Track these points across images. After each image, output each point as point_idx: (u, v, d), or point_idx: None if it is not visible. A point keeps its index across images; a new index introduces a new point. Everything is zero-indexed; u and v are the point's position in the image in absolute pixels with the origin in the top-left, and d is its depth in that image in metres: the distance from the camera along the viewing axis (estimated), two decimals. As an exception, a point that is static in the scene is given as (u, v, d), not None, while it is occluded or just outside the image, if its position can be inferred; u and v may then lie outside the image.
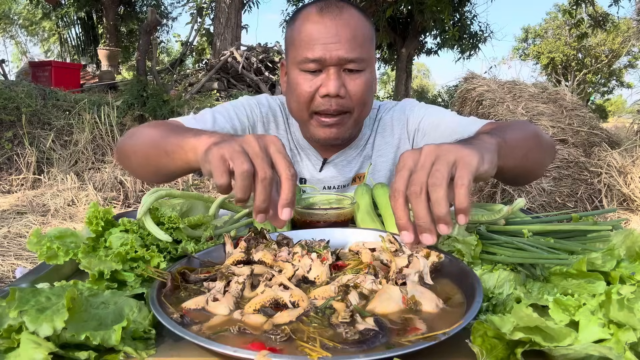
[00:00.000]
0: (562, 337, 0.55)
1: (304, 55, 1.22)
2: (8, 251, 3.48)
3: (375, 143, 1.48)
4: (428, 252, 0.80)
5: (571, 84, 22.93)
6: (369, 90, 1.27)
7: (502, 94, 5.79)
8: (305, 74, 1.24)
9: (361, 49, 1.21)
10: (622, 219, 3.27)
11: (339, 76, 1.21)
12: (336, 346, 0.55)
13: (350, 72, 1.22)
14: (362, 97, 1.25)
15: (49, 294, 0.60)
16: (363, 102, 1.26)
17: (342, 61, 1.20)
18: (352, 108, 1.26)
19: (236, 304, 0.67)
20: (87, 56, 15.01)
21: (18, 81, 7.15)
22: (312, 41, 1.21)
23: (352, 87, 1.23)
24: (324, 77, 1.22)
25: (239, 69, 9.78)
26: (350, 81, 1.23)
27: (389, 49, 16.84)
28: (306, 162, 1.45)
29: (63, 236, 0.82)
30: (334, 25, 1.20)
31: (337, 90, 1.20)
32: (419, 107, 1.47)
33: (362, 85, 1.24)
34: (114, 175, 5.19)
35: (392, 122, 1.48)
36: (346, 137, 1.33)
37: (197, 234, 0.92)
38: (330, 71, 1.21)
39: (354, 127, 1.33)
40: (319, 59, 1.20)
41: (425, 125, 1.41)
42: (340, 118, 1.27)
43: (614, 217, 3.90)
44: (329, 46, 1.19)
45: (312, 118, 1.29)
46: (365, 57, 1.23)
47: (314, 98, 1.24)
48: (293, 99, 1.30)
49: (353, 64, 1.21)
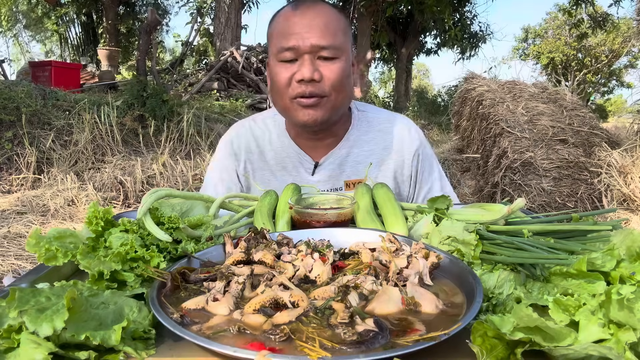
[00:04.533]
0: (562, 337, 0.55)
1: (280, 45, 1.32)
2: (8, 251, 3.48)
3: (360, 140, 1.53)
4: (427, 253, 0.80)
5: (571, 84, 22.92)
6: (344, 76, 1.34)
7: (502, 94, 5.79)
8: (283, 63, 1.33)
9: (334, 38, 1.31)
10: (622, 219, 3.27)
11: (312, 62, 1.30)
12: (335, 346, 0.55)
13: (325, 59, 1.31)
14: (337, 82, 1.32)
15: (49, 294, 0.60)
16: (339, 87, 1.33)
17: (315, 48, 1.29)
18: (328, 92, 1.33)
19: (236, 304, 0.67)
20: (87, 56, 15.00)
21: (18, 81, 7.15)
22: (287, 32, 1.31)
23: (327, 73, 1.31)
24: (299, 64, 1.31)
25: (239, 68, 9.78)
26: (324, 67, 1.31)
27: (389, 49, 16.84)
28: (298, 169, 1.50)
29: (62, 237, 0.82)
30: (307, 17, 1.30)
31: (310, 75, 1.28)
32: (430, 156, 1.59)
33: (336, 70, 1.32)
34: (114, 175, 5.19)
35: (393, 132, 1.54)
36: (325, 121, 1.38)
37: (197, 234, 0.92)
38: (304, 58, 1.30)
39: (333, 112, 1.38)
40: (293, 47, 1.29)
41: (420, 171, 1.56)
42: (317, 100, 1.33)
43: (614, 217, 3.90)
44: (303, 34, 1.29)
45: (291, 103, 1.36)
46: (338, 46, 1.31)
47: (291, 84, 1.33)
48: (274, 88, 1.39)
49: (326, 50, 1.30)
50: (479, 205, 1.04)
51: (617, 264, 0.72)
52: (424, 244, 0.84)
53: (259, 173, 1.53)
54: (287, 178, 1.49)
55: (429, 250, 0.81)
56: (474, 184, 5.96)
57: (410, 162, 1.52)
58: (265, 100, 9.32)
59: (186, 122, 6.34)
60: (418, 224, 1.01)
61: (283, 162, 1.51)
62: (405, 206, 1.15)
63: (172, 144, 6.14)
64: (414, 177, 1.54)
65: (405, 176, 1.53)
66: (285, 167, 1.50)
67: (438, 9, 11.69)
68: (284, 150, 1.51)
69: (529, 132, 5.07)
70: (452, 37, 13.87)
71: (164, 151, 5.79)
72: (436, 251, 0.82)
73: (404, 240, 0.88)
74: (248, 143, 1.54)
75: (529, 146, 4.93)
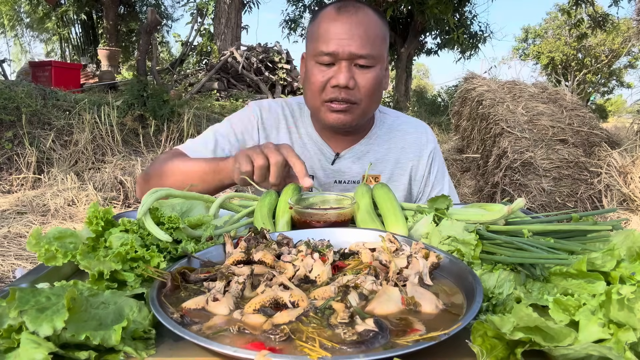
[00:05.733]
0: (562, 337, 0.55)
1: (319, 48, 1.34)
2: (8, 251, 3.48)
3: (381, 139, 1.58)
4: (427, 253, 0.80)
5: (571, 84, 22.93)
6: (377, 85, 1.38)
7: (502, 94, 5.79)
8: (319, 66, 1.36)
9: (372, 47, 1.32)
10: (622, 219, 3.27)
11: (349, 69, 1.32)
12: (335, 346, 0.55)
13: (361, 67, 1.33)
14: (370, 90, 1.36)
15: (49, 294, 0.60)
16: (371, 95, 1.37)
17: (353, 56, 1.31)
18: (360, 99, 1.36)
19: (236, 304, 0.67)
20: (87, 56, 15.00)
21: (18, 81, 7.15)
22: (327, 36, 1.33)
23: (361, 81, 1.34)
24: (336, 69, 1.33)
25: (239, 69, 9.79)
26: (360, 75, 1.34)
27: (389, 49, 16.84)
28: (318, 156, 1.55)
29: (62, 237, 0.82)
30: (348, 23, 1.31)
31: (346, 82, 1.31)
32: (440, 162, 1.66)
33: (371, 79, 1.34)
34: (114, 175, 5.19)
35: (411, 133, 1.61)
36: (353, 126, 1.43)
37: (197, 234, 0.92)
38: (342, 64, 1.32)
39: (361, 118, 1.43)
40: (332, 52, 1.32)
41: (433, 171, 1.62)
42: (348, 106, 1.37)
43: (614, 217, 3.90)
44: (342, 42, 1.30)
45: (323, 106, 1.40)
46: (375, 55, 1.33)
47: (325, 88, 1.36)
48: (308, 87, 1.42)
49: (363, 59, 1.32)
50: (479, 205, 1.04)
51: (617, 264, 0.72)
52: (424, 244, 0.84)
53: None
54: (308, 163, 1.54)
55: (429, 250, 0.81)
56: (474, 184, 5.96)
57: (425, 161, 1.59)
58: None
59: (186, 122, 6.34)
60: (418, 224, 1.01)
61: (305, 147, 1.55)
62: (405, 206, 1.15)
63: (173, 144, 6.14)
64: (427, 176, 1.60)
65: (419, 175, 1.60)
66: (308, 152, 1.55)
67: (439, 10, 11.69)
68: (307, 136, 1.56)
69: (529, 132, 5.07)
70: (454, 40, 13.87)
71: (164, 151, 5.79)
72: (436, 251, 0.82)
73: (404, 240, 0.88)
74: (277, 121, 1.57)
75: (529, 146, 4.93)
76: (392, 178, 1.56)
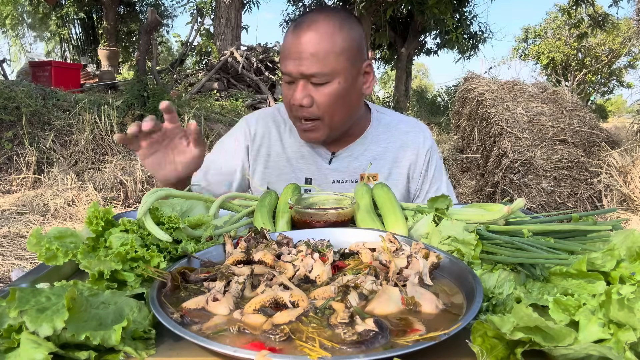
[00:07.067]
0: (562, 337, 0.55)
1: (281, 68, 1.38)
2: (8, 251, 3.48)
3: (378, 138, 1.58)
4: (427, 253, 0.80)
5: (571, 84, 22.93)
6: (336, 98, 1.36)
7: (502, 94, 5.79)
8: (285, 84, 1.39)
9: (323, 65, 1.30)
10: (622, 219, 3.27)
11: (304, 88, 1.34)
12: (335, 346, 0.55)
13: (316, 85, 1.33)
14: (329, 105, 1.35)
15: (49, 294, 0.60)
16: (331, 110, 1.37)
17: (305, 76, 1.32)
18: (321, 115, 1.37)
19: (236, 304, 0.67)
20: (87, 56, 15.01)
21: (18, 81, 7.15)
22: (284, 56, 1.35)
23: (319, 97, 1.34)
24: (294, 88, 1.35)
25: (239, 69, 9.79)
26: (315, 92, 1.34)
27: (389, 49, 16.83)
28: (315, 158, 1.55)
29: (63, 236, 0.82)
30: (298, 43, 1.31)
31: (300, 101, 1.33)
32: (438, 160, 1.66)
33: (326, 95, 1.34)
34: (114, 175, 5.19)
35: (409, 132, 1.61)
36: (326, 139, 1.45)
37: (197, 234, 0.92)
38: (298, 83, 1.34)
39: (332, 131, 1.43)
40: (289, 73, 1.34)
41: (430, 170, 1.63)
42: (313, 124, 1.39)
43: (614, 217, 3.90)
44: (295, 62, 1.32)
45: (295, 122, 1.45)
46: (328, 71, 1.31)
47: (291, 106, 1.38)
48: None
49: (315, 78, 1.32)
50: (478, 205, 1.04)
51: (617, 264, 0.72)
52: (424, 244, 0.84)
53: (274, 159, 1.58)
54: (304, 166, 1.55)
55: (429, 250, 0.81)
56: (474, 184, 5.96)
57: (423, 159, 1.59)
58: (265, 100, 9.32)
59: (186, 122, 6.33)
60: (418, 224, 1.01)
61: (300, 150, 1.56)
62: (405, 206, 1.15)
63: (172, 144, 6.12)
64: (424, 174, 1.61)
65: (417, 173, 1.60)
66: (303, 155, 1.56)
67: (439, 10, 11.69)
68: (296, 144, 1.57)
69: (529, 132, 5.07)
70: (453, 40, 13.88)
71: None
72: (436, 251, 0.82)
73: (404, 240, 0.88)
74: (268, 129, 1.60)
75: (528, 146, 4.93)
76: (390, 176, 1.56)
